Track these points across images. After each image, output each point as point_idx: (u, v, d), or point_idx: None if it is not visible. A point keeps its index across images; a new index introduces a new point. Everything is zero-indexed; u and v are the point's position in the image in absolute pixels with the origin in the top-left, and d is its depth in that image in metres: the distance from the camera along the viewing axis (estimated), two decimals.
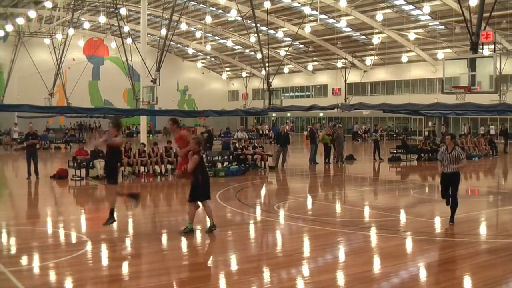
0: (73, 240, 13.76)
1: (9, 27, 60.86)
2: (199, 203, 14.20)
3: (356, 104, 36.52)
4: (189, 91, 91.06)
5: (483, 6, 24.98)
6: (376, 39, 60.67)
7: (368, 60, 71.07)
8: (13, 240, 13.79)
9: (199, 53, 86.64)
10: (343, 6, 51.38)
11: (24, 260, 11.94)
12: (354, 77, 74.10)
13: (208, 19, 58.50)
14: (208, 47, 79.24)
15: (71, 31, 56.53)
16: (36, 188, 23.92)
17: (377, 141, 37.63)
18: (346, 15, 57.63)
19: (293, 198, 21.83)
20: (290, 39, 65.68)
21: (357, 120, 72.73)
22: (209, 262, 12.23)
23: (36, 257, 12.21)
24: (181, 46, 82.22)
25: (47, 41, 66.65)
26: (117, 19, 49.46)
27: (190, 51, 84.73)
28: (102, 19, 54.90)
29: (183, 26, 62.14)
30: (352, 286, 10.39)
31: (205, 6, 63.72)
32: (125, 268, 11.52)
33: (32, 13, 53.29)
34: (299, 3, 57.79)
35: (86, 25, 61.86)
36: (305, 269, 11.47)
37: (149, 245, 13.36)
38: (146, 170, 27.32)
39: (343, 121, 67.84)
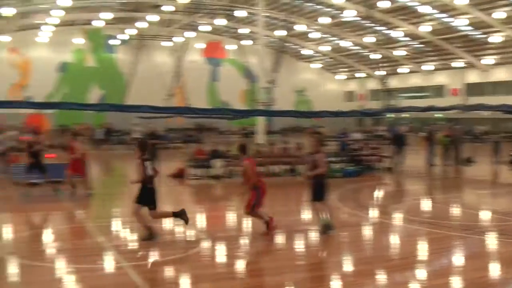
0: (192, 237, 14.17)
1: (131, 31, 62.94)
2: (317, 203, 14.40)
3: (475, 105, 35.69)
4: (305, 92, 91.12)
5: None
6: (496, 38, 59.08)
7: (488, 60, 69.22)
8: (134, 236, 14.33)
9: (315, 54, 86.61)
10: (461, 5, 50.35)
11: (143, 255, 12.47)
12: (473, 77, 72.35)
13: (325, 20, 58.51)
14: (324, 48, 79.18)
15: (190, 34, 57.88)
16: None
17: (498, 143, 36.69)
18: (465, 13, 56.39)
19: (409, 200, 21.66)
20: (407, 39, 64.91)
21: (476, 121, 70.96)
22: (324, 263, 12.36)
23: (155, 253, 12.67)
24: (297, 47, 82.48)
25: (166, 44, 68.54)
26: (235, 21, 50.20)
27: (306, 52, 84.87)
28: (220, 21, 55.87)
29: (299, 27, 62.40)
30: None
31: (321, 6, 63.79)
32: (240, 266, 11.80)
33: (154, 17, 54.80)
34: (417, 2, 56.99)
35: (205, 28, 63.10)
36: (420, 273, 11.37)
37: (265, 244, 13.60)
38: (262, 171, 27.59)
39: (461, 122, 66.31)
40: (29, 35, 65.77)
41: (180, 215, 13.78)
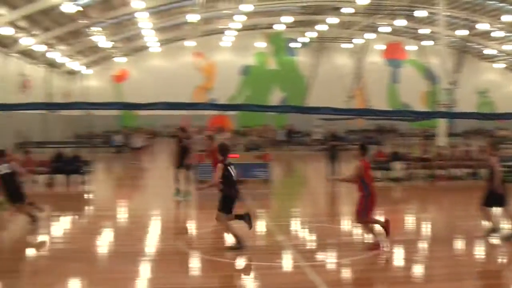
0: (368, 239, 14.23)
1: (311, 34, 63.68)
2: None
3: None
4: (488, 93, 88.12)
5: None
6: None
7: None
8: (313, 237, 14.58)
9: (499, 54, 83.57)
10: None
11: (321, 256, 12.72)
12: None
13: (508, 18, 56.42)
14: (508, 47, 76.21)
15: (370, 35, 57.74)
16: (333, 187, 25.00)
17: None
18: None
19: None
20: None
21: None
22: (504, 271, 12.04)
23: (332, 254, 12.90)
24: (479, 46, 79.97)
25: (346, 46, 68.73)
26: (415, 21, 49.55)
27: (489, 51, 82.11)
28: (400, 22, 55.34)
29: (482, 26, 60.46)
30: None
31: (504, 4, 61.51)
32: (417, 270, 11.75)
33: (334, 20, 55.21)
34: None
35: (384, 29, 62.66)
36: None
37: (443, 249, 13.41)
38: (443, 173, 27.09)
39: None
40: (213, 40, 68.37)
41: (243, 218, 13.20)
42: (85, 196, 23.53)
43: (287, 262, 12.39)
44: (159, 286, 10.60)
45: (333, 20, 55.33)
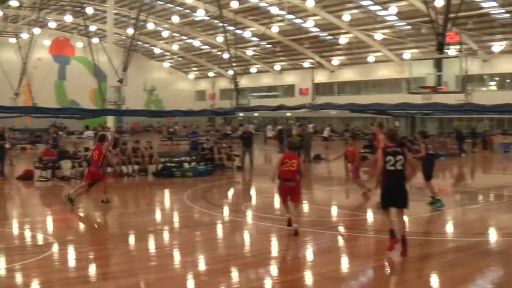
0: (40, 241, 13.59)
1: None
2: None
3: (323, 104, 36.69)
4: (156, 91, 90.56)
5: (449, 7, 25.24)
6: (343, 39, 60.91)
7: (336, 60, 71.35)
8: None
9: (166, 53, 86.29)
10: (310, 6, 51.51)
11: None
12: (321, 77, 74.31)
13: (175, 19, 58.36)
14: (175, 47, 78.96)
15: (37, 30, 56.09)
16: (1, 189, 23.67)
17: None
18: (314, 15, 57.76)
19: (260, 198, 21.83)
20: (258, 39, 65.77)
21: (323, 120, 72.72)
22: (177, 263, 12.14)
23: (2, 259, 12.02)
24: (148, 45, 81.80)
25: (12, 40, 66.06)
26: (83, 18, 49.12)
27: (157, 50, 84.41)
28: (68, 18, 54.57)
29: (150, 26, 61.84)
30: (320, 285, 10.41)
31: (172, 5, 63.51)
32: (92, 269, 11.40)
33: None
34: (266, 3, 57.77)
35: (52, 24, 61.35)
36: (274, 269, 11.52)
37: (117, 246, 13.25)
38: (113, 171, 27.03)
39: (310, 121, 67.80)
40: None
41: None
42: None
43: None
44: None
45: None
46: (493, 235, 14.92)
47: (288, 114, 72.89)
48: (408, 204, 11.95)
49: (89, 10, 52.50)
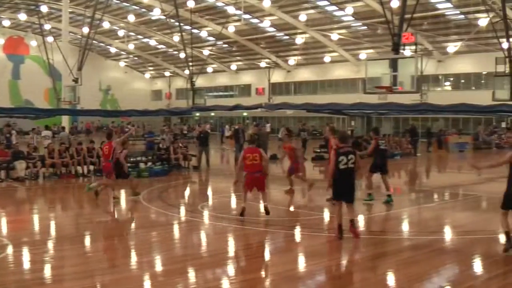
0: None
1: None
2: None
3: (279, 104, 36.76)
4: (112, 91, 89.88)
5: (405, 8, 25.47)
6: (299, 39, 61.09)
7: (292, 60, 71.53)
8: None
9: (122, 52, 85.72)
10: (267, 6, 51.61)
11: None
12: (277, 77, 74.54)
13: (131, 18, 58.00)
14: (131, 46, 78.52)
15: None
16: None
17: (305, 140, 38.18)
18: (270, 15, 57.90)
19: (217, 197, 21.81)
20: (214, 39, 65.65)
21: (280, 119, 72.89)
22: (134, 264, 12.03)
23: None
24: (103, 45, 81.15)
25: None
26: (38, 16, 48.53)
27: (113, 50, 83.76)
28: (22, 16, 53.91)
29: (106, 25, 61.35)
30: (277, 285, 10.39)
31: (128, 4, 63.07)
32: (47, 271, 11.23)
33: None
34: (223, 2, 57.79)
35: (6, 23, 60.52)
36: (231, 269, 11.45)
37: (72, 247, 13.08)
38: (67, 171, 26.73)
39: (267, 120, 67.91)
40: None
41: None
42: None
43: None
44: None
45: None
46: (448, 234, 15.09)
47: (245, 114, 72.90)
48: (354, 199, 13.70)
49: (44, 9, 51.90)
